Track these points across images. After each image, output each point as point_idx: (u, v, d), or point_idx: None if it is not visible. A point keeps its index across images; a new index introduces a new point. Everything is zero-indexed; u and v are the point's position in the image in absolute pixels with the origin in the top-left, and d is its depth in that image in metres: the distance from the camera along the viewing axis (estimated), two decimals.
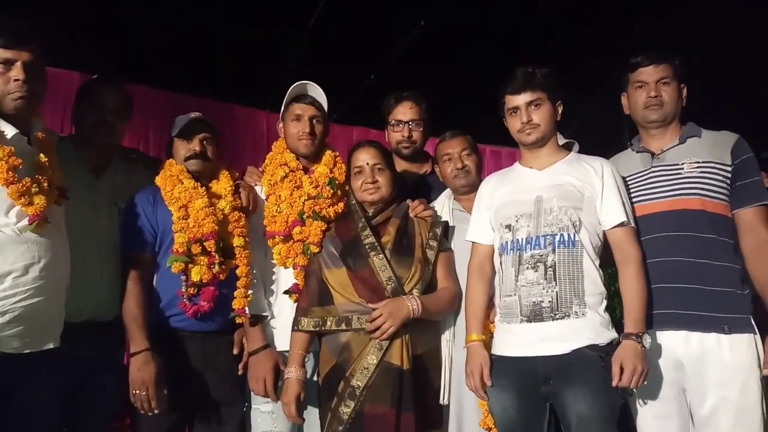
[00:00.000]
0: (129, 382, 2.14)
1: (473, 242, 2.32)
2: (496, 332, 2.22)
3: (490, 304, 2.27)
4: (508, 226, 2.20)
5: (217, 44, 4.24)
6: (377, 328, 2.14)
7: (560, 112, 2.26)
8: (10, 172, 1.84)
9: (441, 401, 2.25)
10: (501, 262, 2.21)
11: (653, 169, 2.27)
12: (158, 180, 2.32)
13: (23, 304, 1.84)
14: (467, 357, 2.21)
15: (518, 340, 2.12)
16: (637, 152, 2.35)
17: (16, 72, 1.89)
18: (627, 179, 2.30)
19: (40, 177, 1.92)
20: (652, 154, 2.30)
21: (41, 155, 1.97)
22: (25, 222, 1.87)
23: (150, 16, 3.95)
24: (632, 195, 2.27)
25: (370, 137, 4.79)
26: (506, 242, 2.19)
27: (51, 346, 1.95)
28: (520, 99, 2.20)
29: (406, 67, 4.58)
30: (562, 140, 2.39)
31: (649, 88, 2.28)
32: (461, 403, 2.30)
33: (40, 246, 1.89)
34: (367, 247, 2.27)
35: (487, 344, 2.22)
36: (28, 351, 1.88)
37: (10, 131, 1.90)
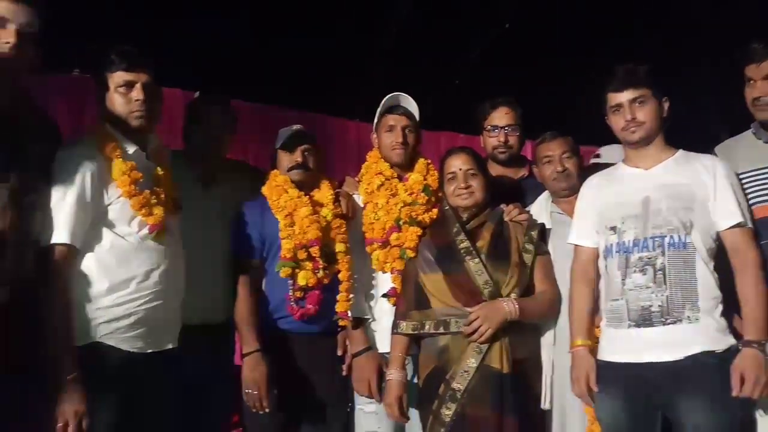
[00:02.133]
0: (241, 381, 2.24)
1: (576, 245, 2.27)
2: (603, 337, 2.16)
3: (594, 309, 2.21)
4: (613, 228, 2.14)
5: (306, 57, 4.37)
6: (475, 331, 2.14)
7: (667, 108, 2.17)
8: (133, 186, 1.99)
9: (542, 406, 2.22)
10: (606, 266, 2.15)
11: None
12: (264, 190, 2.42)
13: (145, 307, 1.98)
14: (572, 362, 2.17)
15: (626, 345, 2.06)
16: (765, 142, 2.21)
17: (137, 93, 2.03)
18: (750, 174, 2.17)
19: (158, 189, 2.07)
20: None
21: (158, 169, 2.12)
22: (145, 231, 2.01)
23: (241, 34, 4.13)
24: (753, 192, 2.15)
25: (458, 142, 4.81)
26: (611, 244, 2.13)
27: (170, 346, 2.08)
28: (623, 96, 2.13)
29: (491, 69, 4.55)
30: None
31: None
32: (565, 410, 2.26)
33: (159, 253, 2.03)
34: (462, 251, 2.27)
35: (592, 349, 2.16)
36: (150, 350, 2.01)
37: (131, 148, 2.05)
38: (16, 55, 1.82)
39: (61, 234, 1.86)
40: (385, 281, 2.41)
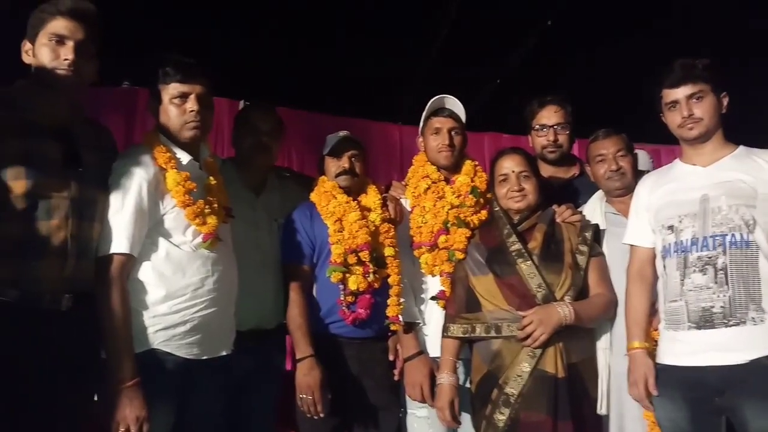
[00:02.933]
0: (295, 386, 2.24)
1: (632, 245, 2.22)
2: (661, 340, 2.10)
3: (651, 310, 2.16)
4: (671, 227, 2.08)
5: (348, 62, 4.39)
6: (528, 336, 2.11)
7: (726, 104, 2.11)
8: (187, 196, 2.02)
9: (598, 411, 2.18)
10: (664, 266, 2.10)
11: None
12: (313, 196, 2.44)
13: (200, 314, 2.01)
14: (630, 366, 2.12)
15: (687, 348, 2.00)
16: None
17: (191, 104, 2.06)
18: None
19: (211, 199, 2.10)
20: None
21: (210, 178, 2.15)
22: (199, 240, 2.04)
23: (284, 41, 4.17)
24: None
25: (502, 142, 4.76)
26: (669, 244, 2.08)
27: (224, 352, 2.11)
28: (680, 92, 2.08)
29: (535, 68, 4.49)
30: None
31: None
32: (622, 414, 2.21)
33: (212, 261, 2.06)
34: (513, 254, 2.24)
35: (650, 352, 2.11)
36: (205, 357, 2.04)
37: (185, 158, 2.08)
38: (73, 71, 1.89)
39: (120, 243, 1.91)
40: (434, 284, 2.40)
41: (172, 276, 1.98)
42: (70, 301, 1.84)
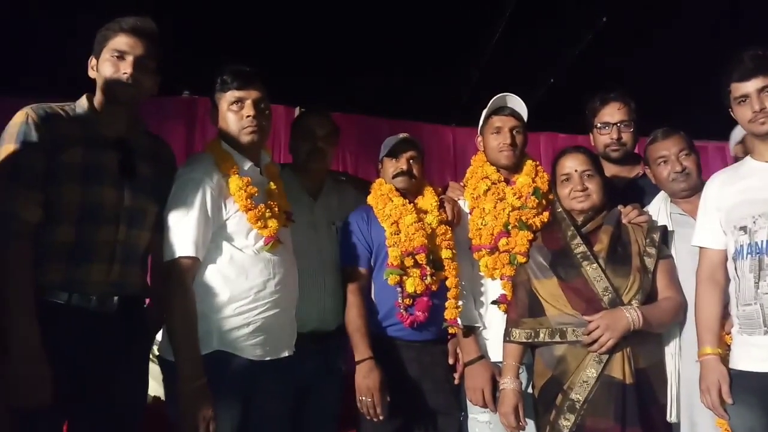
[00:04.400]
0: (355, 389, 2.25)
1: (701, 247, 2.13)
2: (735, 345, 2.02)
3: (723, 315, 2.08)
4: (744, 228, 2.00)
5: (398, 64, 4.39)
6: (595, 341, 2.05)
7: None
8: (249, 200, 2.06)
9: (668, 419, 2.11)
10: (736, 268, 2.02)
11: None
12: (370, 199, 2.45)
13: (263, 316, 2.04)
14: (701, 372, 2.04)
15: (763, 353, 1.92)
16: None
17: (248, 109, 2.12)
18: None
19: (272, 203, 2.13)
20: None
21: (271, 183, 2.19)
22: (261, 243, 2.07)
23: (335, 46, 4.21)
24: None
25: (558, 142, 4.68)
26: (742, 246, 2.00)
27: (287, 354, 2.13)
28: (750, 85, 2.00)
29: (588, 66, 4.39)
30: None
31: None
32: (694, 422, 2.13)
33: (274, 264, 2.09)
34: (578, 256, 2.19)
35: (723, 358, 2.03)
36: (268, 358, 2.07)
37: (246, 164, 2.13)
38: (133, 84, 1.97)
39: (186, 247, 1.96)
40: (494, 288, 2.37)
41: (235, 279, 2.02)
42: (117, 304, 1.92)
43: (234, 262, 2.03)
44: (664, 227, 2.27)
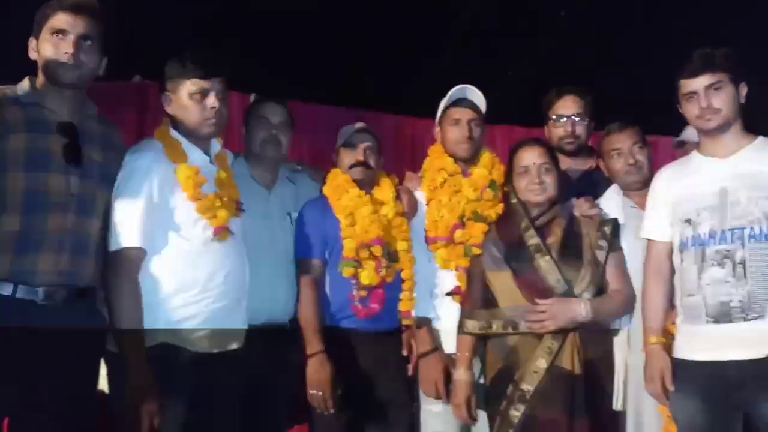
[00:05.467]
0: (306, 382, 2.23)
1: (649, 240, 2.18)
2: (679, 334, 2.08)
3: (669, 305, 2.13)
4: (688, 221, 2.05)
5: (359, 54, 4.36)
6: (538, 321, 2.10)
7: (745, 94, 2.06)
8: (197, 189, 2.01)
9: (614, 407, 2.16)
10: (681, 260, 2.07)
11: None
12: (326, 190, 2.42)
13: (211, 308, 2.00)
14: (646, 361, 2.09)
15: (705, 343, 1.97)
16: None
17: (213, 100, 2.05)
18: None
19: (222, 192, 2.08)
20: None
21: (221, 172, 2.14)
22: (209, 234, 2.02)
23: (295, 33, 4.15)
24: None
25: (515, 134, 4.71)
26: (686, 238, 2.05)
27: (235, 346, 2.10)
28: (698, 82, 2.03)
29: (547, 59, 4.44)
30: None
31: None
32: (640, 410, 2.19)
33: (223, 255, 2.05)
34: (531, 248, 2.21)
35: (668, 347, 2.08)
36: (216, 351, 2.03)
37: (195, 152, 2.07)
38: (75, 64, 1.88)
39: (131, 237, 1.91)
40: (449, 280, 2.37)
41: (182, 270, 1.97)
42: (66, 296, 1.84)
43: (181, 253, 1.98)
44: (616, 220, 2.30)
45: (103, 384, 2.13)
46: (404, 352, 2.40)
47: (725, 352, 1.93)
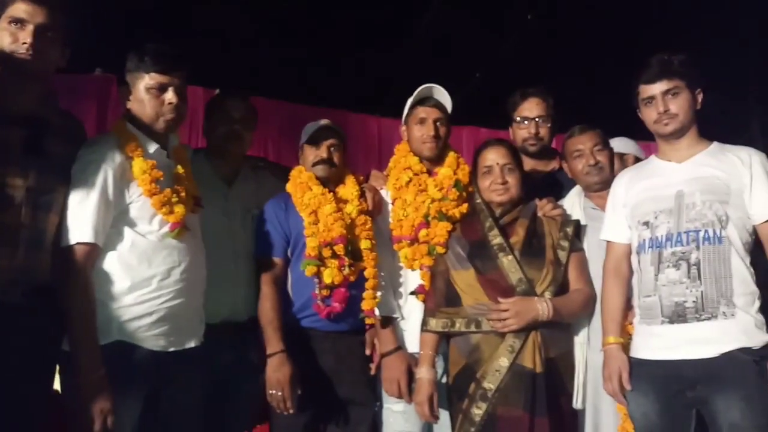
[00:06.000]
0: (265, 382, 2.21)
1: (608, 241, 2.22)
2: (636, 334, 2.11)
3: (627, 306, 2.16)
4: (646, 223, 2.09)
5: (326, 53, 4.34)
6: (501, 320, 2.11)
7: (701, 100, 2.11)
8: (153, 184, 1.97)
9: (574, 405, 2.18)
10: (639, 261, 2.10)
11: None
12: (289, 187, 2.39)
13: (167, 305, 1.96)
14: (605, 360, 2.12)
15: (661, 342, 2.01)
16: None
17: (171, 96, 2.01)
18: None
19: (179, 188, 2.05)
20: None
21: (179, 167, 2.10)
22: (166, 229, 1.99)
23: (262, 29, 4.11)
24: None
25: (481, 136, 4.74)
26: (644, 240, 2.08)
27: (193, 344, 2.07)
28: (656, 88, 2.08)
29: (514, 62, 4.48)
30: None
31: None
32: (598, 408, 2.21)
33: (180, 251, 2.01)
34: (495, 248, 2.22)
35: (625, 347, 2.12)
36: (172, 349, 2.00)
37: (152, 146, 2.03)
38: (34, 55, 1.83)
39: (84, 233, 1.86)
40: (414, 279, 2.36)
41: (137, 266, 1.93)
42: (23, 293, 1.79)
43: (136, 249, 1.94)
44: (578, 221, 2.33)
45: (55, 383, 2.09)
46: (367, 352, 2.39)
47: (680, 352, 1.97)
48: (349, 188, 2.41)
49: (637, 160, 2.99)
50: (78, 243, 1.85)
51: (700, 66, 2.13)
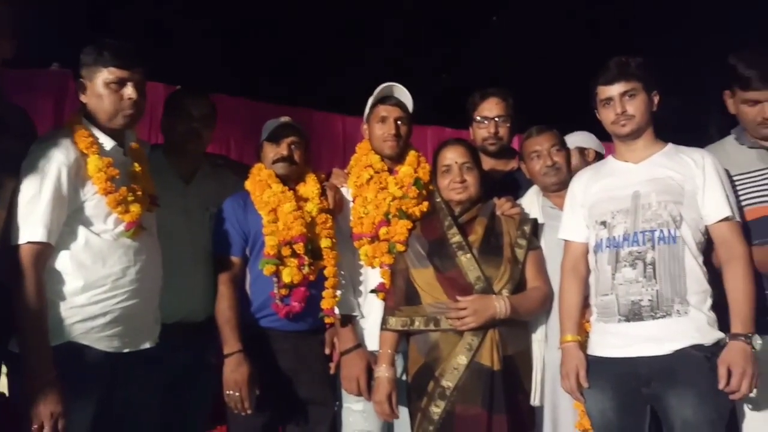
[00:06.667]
0: (222, 382, 2.18)
1: (566, 240, 2.24)
2: (593, 332, 2.14)
3: (584, 304, 2.19)
4: (603, 223, 2.11)
5: (291, 50, 4.31)
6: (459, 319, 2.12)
7: (657, 102, 2.15)
8: (109, 182, 1.93)
9: (532, 403, 2.20)
10: (596, 260, 2.13)
11: None
12: (248, 184, 2.36)
13: (121, 306, 1.93)
14: (562, 358, 2.14)
15: (617, 340, 2.04)
16: (750, 147, 2.19)
17: (130, 91, 1.97)
18: (737, 177, 2.16)
19: (135, 186, 2.01)
20: None
21: (135, 165, 2.06)
22: (121, 228, 1.95)
23: (225, 26, 4.06)
24: (745, 195, 2.13)
25: (445, 135, 4.76)
26: (601, 239, 2.11)
27: (148, 345, 2.03)
28: (614, 89, 2.11)
29: (478, 63, 4.52)
30: None
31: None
32: (556, 405, 2.24)
33: (135, 251, 1.98)
34: (454, 246, 2.23)
35: (583, 344, 2.14)
36: (127, 350, 1.96)
37: (108, 143, 1.99)
38: None
39: (35, 231, 1.81)
40: (374, 277, 2.36)
41: (91, 265, 1.89)
42: None
43: (90, 248, 1.90)
44: (535, 220, 2.36)
45: (2, 385, 2.03)
46: (326, 351, 2.38)
47: (635, 349, 2.00)
48: (309, 186, 2.39)
49: (598, 154, 3.06)
50: (29, 242, 1.80)
51: (658, 69, 2.17)
